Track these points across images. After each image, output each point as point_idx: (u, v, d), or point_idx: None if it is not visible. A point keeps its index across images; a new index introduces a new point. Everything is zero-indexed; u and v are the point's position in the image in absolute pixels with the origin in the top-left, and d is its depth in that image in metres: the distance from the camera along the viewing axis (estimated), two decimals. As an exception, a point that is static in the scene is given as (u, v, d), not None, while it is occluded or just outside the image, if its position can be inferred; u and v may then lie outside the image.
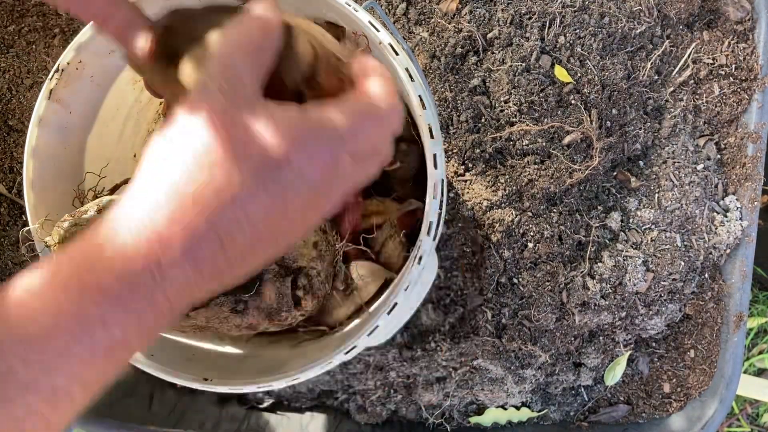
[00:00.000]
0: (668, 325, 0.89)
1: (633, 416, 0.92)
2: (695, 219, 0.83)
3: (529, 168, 0.81)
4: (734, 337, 0.85)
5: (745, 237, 0.84)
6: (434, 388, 0.88)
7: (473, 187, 0.82)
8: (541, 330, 0.85)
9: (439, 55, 0.83)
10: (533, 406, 0.92)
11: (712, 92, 0.85)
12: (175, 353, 0.64)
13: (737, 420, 1.26)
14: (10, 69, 0.94)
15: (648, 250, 0.83)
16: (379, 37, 0.54)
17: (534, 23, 0.80)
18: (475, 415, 0.92)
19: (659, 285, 0.83)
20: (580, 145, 0.81)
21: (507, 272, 0.83)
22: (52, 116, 0.61)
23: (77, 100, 0.63)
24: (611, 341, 0.88)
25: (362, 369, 0.89)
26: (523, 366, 0.86)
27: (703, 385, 0.88)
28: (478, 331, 0.85)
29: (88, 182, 0.66)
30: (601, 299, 0.83)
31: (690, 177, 0.84)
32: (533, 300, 0.83)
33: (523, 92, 0.80)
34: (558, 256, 0.82)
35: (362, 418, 0.92)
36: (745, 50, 0.84)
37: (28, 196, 0.61)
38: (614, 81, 0.81)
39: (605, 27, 0.80)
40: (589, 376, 0.90)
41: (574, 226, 0.82)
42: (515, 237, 0.82)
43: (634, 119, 0.83)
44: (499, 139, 0.81)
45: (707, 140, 0.86)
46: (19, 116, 0.93)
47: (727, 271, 0.86)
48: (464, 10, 0.83)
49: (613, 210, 0.84)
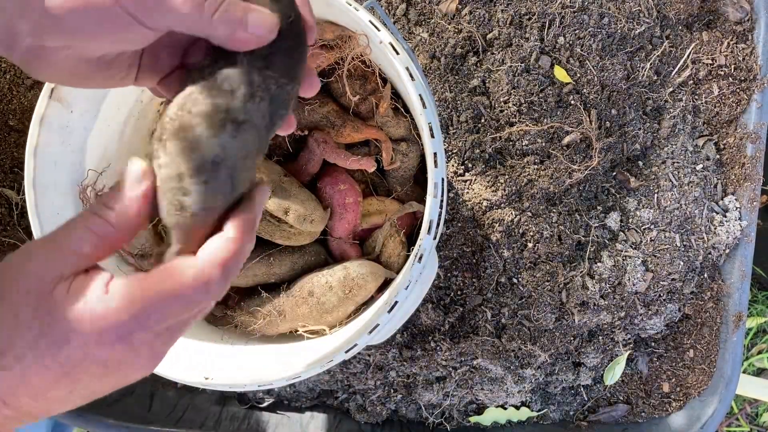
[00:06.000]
0: (667, 325, 0.90)
1: (632, 416, 0.92)
2: (694, 219, 0.84)
3: (528, 168, 0.81)
4: (733, 337, 0.85)
5: (744, 237, 0.84)
6: (434, 387, 0.88)
7: (473, 187, 0.82)
8: (541, 330, 0.85)
9: (438, 56, 0.83)
10: (533, 405, 0.92)
11: (712, 92, 0.85)
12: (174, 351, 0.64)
13: (736, 419, 1.26)
14: (11, 69, 0.94)
15: (647, 250, 0.83)
16: (380, 36, 0.54)
17: (534, 24, 0.81)
18: (475, 415, 0.92)
19: (658, 285, 0.84)
20: (580, 146, 0.81)
21: (506, 272, 0.83)
22: (53, 115, 0.61)
23: (78, 99, 0.63)
24: (610, 341, 0.88)
25: (362, 368, 0.89)
26: (523, 365, 0.86)
27: (703, 385, 0.88)
28: (478, 331, 0.85)
29: (89, 181, 0.66)
30: (601, 299, 0.83)
31: (689, 177, 0.84)
32: (533, 300, 0.83)
33: (523, 92, 0.80)
34: (557, 256, 0.82)
35: (362, 418, 0.93)
36: (745, 51, 0.85)
37: (29, 195, 0.61)
38: (614, 81, 0.81)
39: (605, 27, 0.80)
40: (589, 376, 0.90)
41: (573, 226, 0.82)
42: (515, 237, 0.82)
43: (634, 119, 0.83)
44: (499, 140, 0.81)
45: (706, 140, 0.86)
46: (20, 116, 0.94)
47: (726, 271, 0.86)
48: (464, 11, 0.83)
49: (613, 210, 0.84)
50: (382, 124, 0.68)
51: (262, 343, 0.69)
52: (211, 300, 0.36)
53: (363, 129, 0.68)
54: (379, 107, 0.66)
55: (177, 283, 0.34)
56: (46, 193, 0.62)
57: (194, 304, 0.34)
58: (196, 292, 0.34)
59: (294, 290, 0.68)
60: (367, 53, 0.60)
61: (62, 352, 0.33)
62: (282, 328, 0.69)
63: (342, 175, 0.70)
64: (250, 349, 0.68)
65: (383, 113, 0.67)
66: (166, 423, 0.89)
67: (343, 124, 0.68)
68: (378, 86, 0.66)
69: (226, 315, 0.72)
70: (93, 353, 0.33)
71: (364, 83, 0.67)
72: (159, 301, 0.33)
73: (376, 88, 0.67)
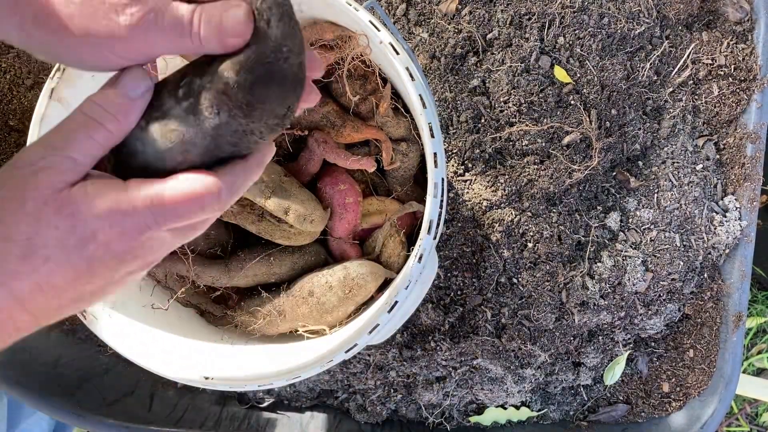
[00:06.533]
0: (667, 325, 0.90)
1: (632, 416, 0.92)
2: (694, 219, 0.84)
3: (528, 168, 0.81)
4: (733, 337, 0.85)
5: (744, 237, 0.84)
6: (434, 387, 0.89)
7: (473, 187, 0.82)
8: (541, 330, 0.85)
9: (438, 56, 0.83)
10: (533, 405, 0.92)
11: (711, 93, 0.85)
12: (174, 350, 0.64)
13: (736, 419, 1.26)
14: (11, 69, 0.94)
15: (647, 250, 0.83)
16: (380, 36, 0.54)
17: (533, 24, 0.81)
18: (475, 415, 0.92)
19: (658, 285, 0.84)
20: (580, 146, 0.81)
21: (506, 272, 0.83)
22: (53, 115, 0.61)
23: (79, 99, 0.62)
24: (610, 341, 0.88)
25: (362, 368, 0.89)
26: (523, 365, 0.86)
27: (703, 385, 0.88)
28: (478, 331, 0.85)
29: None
30: (601, 299, 0.83)
31: (689, 177, 0.84)
32: (533, 300, 0.83)
33: (523, 93, 0.80)
34: (557, 256, 0.82)
35: (362, 418, 0.93)
36: (744, 51, 0.85)
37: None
38: (613, 81, 0.81)
39: (604, 27, 0.80)
40: (589, 376, 0.90)
41: (573, 226, 0.83)
42: (515, 237, 0.82)
43: (634, 119, 0.83)
44: (499, 140, 0.81)
45: (706, 140, 0.86)
46: (20, 116, 0.94)
47: (726, 270, 0.86)
48: (464, 11, 0.83)
49: (613, 210, 0.84)
50: (382, 124, 0.68)
51: (263, 343, 0.69)
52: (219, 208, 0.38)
53: (363, 129, 0.68)
54: (379, 107, 0.66)
55: (192, 186, 0.37)
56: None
57: (206, 208, 0.37)
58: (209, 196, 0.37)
59: (294, 290, 0.68)
60: (367, 53, 0.60)
61: (88, 248, 0.35)
62: (282, 328, 0.69)
63: (342, 175, 0.70)
64: (250, 349, 0.68)
65: (383, 113, 0.67)
66: (166, 423, 0.89)
67: (343, 124, 0.68)
68: (378, 86, 0.66)
69: (226, 315, 0.72)
70: (114, 247, 0.35)
71: (364, 83, 0.67)
72: (176, 201, 0.36)
73: (376, 88, 0.67)
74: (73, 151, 0.36)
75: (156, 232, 0.37)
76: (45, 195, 0.35)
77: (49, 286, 0.35)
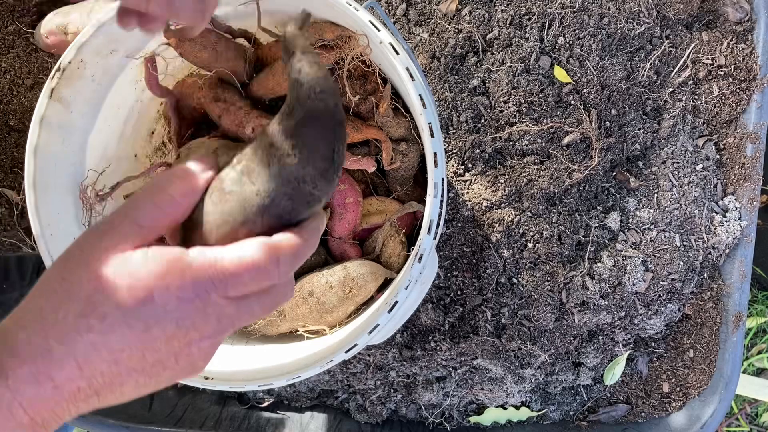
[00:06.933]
0: (667, 325, 0.90)
1: (632, 416, 0.92)
2: (694, 219, 0.84)
3: (528, 168, 0.81)
4: (733, 337, 0.85)
5: (744, 237, 0.84)
6: (434, 387, 0.89)
7: (473, 187, 0.82)
8: (541, 330, 0.85)
9: (438, 56, 0.83)
10: (533, 405, 0.92)
11: (711, 93, 0.85)
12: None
13: (736, 419, 1.26)
14: (11, 69, 0.94)
15: (647, 250, 0.83)
16: (380, 36, 0.54)
17: (533, 24, 0.81)
18: (475, 415, 0.92)
19: (658, 285, 0.84)
20: (580, 146, 0.81)
21: (506, 272, 0.83)
22: (53, 115, 0.61)
23: (78, 99, 0.63)
24: (610, 341, 0.88)
25: (362, 368, 0.89)
26: (523, 365, 0.86)
27: (703, 385, 0.88)
28: (478, 331, 0.85)
29: (89, 181, 0.66)
30: (601, 299, 0.83)
31: (689, 177, 0.84)
32: (533, 300, 0.83)
33: (523, 93, 0.80)
34: (557, 256, 0.82)
35: (362, 418, 0.93)
36: (744, 51, 0.85)
37: (29, 195, 0.61)
38: (613, 81, 0.81)
39: (604, 28, 0.80)
40: (589, 376, 0.90)
41: (573, 226, 0.83)
42: (515, 237, 0.82)
43: (634, 119, 0.83)
44: (499, 140, 0.81)
45: (706, 140, 0.86)
46: (20, 116, 0.94)
47: (726, 271, 0.86)
48: (464, 11, 0.83)
49: (613, 210, 0.84)
50: (382, 124, 0.68)
51: (262, 343, 0.69)
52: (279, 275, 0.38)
53: (363, 129, 0.68)
54: (379, 107, 0.66)
55: (252, 251, 0.37)
56: (46, 193, 0.62)
57: (265, 275, 0.37)
58: (268, 262, 0.37)
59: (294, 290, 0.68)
60: (367, 53, 0.60)
61: (145, 309, 0.34)
62: (282, 328, 0.69)
63: (342, 175, 0.71)
64: (250, 349, 0.68)
65: (383, 113, 0.67)
66: (166, 423, 0.90)
67: (343, 124, 0.68)
68: (378, 86, 0.66)
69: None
70: (171, 310, 0.35)
71: (364, 83, 0.67)
72: (235, 267, 0.36)
73: (376, 88, 0.67)
74: (138, 216, 0.37)
75: (216, 298, 0.36)
76: (107, 256, 0.35)
77: (105, 347, 0.34)
